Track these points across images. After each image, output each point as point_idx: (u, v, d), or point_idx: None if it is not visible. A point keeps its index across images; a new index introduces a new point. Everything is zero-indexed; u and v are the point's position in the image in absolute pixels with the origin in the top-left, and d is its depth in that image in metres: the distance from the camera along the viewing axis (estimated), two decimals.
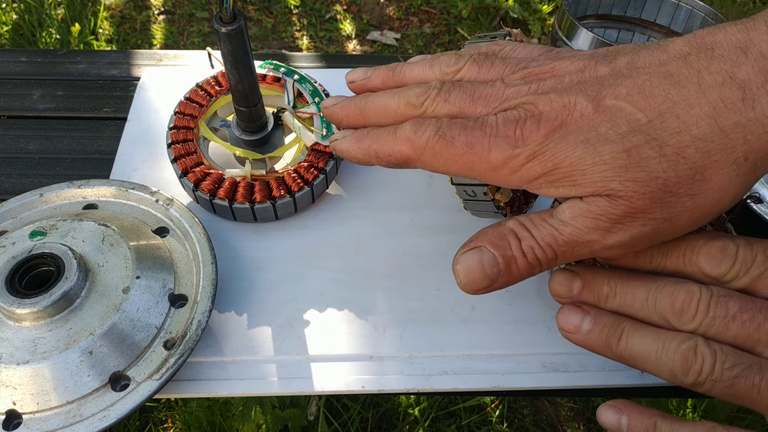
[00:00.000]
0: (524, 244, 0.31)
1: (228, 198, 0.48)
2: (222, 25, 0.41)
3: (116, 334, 0.39)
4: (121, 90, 0.64)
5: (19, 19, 1.74)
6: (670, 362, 0.29)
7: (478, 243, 0.32)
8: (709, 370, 0.28)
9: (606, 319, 0.32)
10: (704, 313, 0.29)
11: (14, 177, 0.56)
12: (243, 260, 0.48)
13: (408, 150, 0.33)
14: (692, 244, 0.31)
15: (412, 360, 0.43)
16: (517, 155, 0.30)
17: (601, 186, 0.29)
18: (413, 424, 1.08)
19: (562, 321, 0.34)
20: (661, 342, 0.30)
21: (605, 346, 0.32)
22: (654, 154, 0.28)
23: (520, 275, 0.32)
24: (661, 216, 0.29)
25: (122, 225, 0.44)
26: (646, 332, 0.30)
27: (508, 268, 0.31)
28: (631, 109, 0.29)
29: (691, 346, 0.29)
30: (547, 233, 0.31)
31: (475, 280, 0.32)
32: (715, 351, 0.28)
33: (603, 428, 0.33)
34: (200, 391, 0.41)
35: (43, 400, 0.37)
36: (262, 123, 0.50)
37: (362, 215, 0.52)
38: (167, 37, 1.83)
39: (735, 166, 0.28)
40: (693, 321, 0.29)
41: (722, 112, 0.27)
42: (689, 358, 0.28)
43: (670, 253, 0.32)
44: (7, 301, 0.38)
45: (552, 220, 0.31)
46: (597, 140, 0.29)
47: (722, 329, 0.29)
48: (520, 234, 0.31)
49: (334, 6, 1.98)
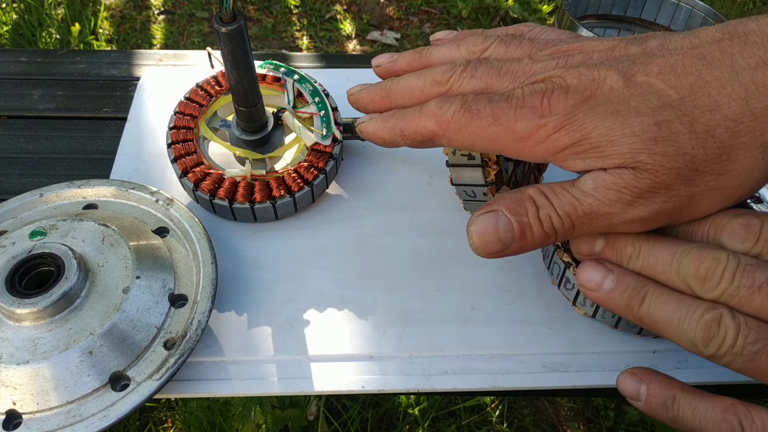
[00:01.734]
0: (542, 212, 0.31)
1: (228, 198, 0.48)
2: (222, 25, 0.41)
3: (116, 334, 0.39)
4: (121, 90, 0.64)
5: (19, 19, 1.74)
6: (692, 331, 0.28)
7: (495, 207, 0.32)
8: (731, 342, 0.27)
9: (629, 280, 0.31)
10: (729, 281, 0.28)
11: (14, 177, 0.56)
12: (243, 260, 0.48)
13: (433, 125, 0.33)
14: (716, 223, 0.30)
15: (412, 360, 0.43)
16: (544, 125, 0.30)
17: (629, 158, 0.29)
18: (413, 424, 1.08)
19: (582, 277, 0.33)
20: (684, 309, 0.29)
21: (626, 307, 0.31)
22: (684, 130, 0.28)
23: (534, 243, 0.32)
24: (684, 193, 0.29)
25: (122, 225, 0.44)
26: (669, 297, 0.29)
27: (522, 234, 0.31)
28: (663, 86, 0.29)
29: (716, 317, 0.27)
30: (567, 202, 0.30)
31: (488, 243, 0.31)
32: (739, 323, 0.27)
33: (623, 396, 0.32)
34: (200, 391, 0.41)
35: (43, 400, 0.37)
36: (262, 123, 0.50)
37: (362, 215, 0.52)
38: (167, 37, 1.83)
39: (762, 149, 0.28)
40: (716, 289, 0.28)
41: (754, 95, 0.27)
42: (712, 329, 0.27)
43: (694, 233, 0.31)
44: (7, 301, 0.38)
45: (573, 190, 0.31)
46: (627, 112, 0.29)
47: (746, 300, 0.27)
48: (539, 201, 0.31)
49: (334, 6, 1.98)
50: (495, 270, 0.48)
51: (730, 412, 0.28)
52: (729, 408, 0.28)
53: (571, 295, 0.45)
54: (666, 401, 0.30)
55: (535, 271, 0.48)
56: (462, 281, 0.47)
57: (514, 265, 0.49)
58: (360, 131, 0.39)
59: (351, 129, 0.53)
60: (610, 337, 0.44)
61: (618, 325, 0.44)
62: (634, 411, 1.12)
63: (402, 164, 0.56)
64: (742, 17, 0.29)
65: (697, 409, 0.29)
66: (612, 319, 0.44)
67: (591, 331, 0.45)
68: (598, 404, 1.14)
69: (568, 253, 0.44)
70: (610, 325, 0.44)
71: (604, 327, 0.45)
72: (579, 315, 0.45)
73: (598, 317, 0.44)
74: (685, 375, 0.43)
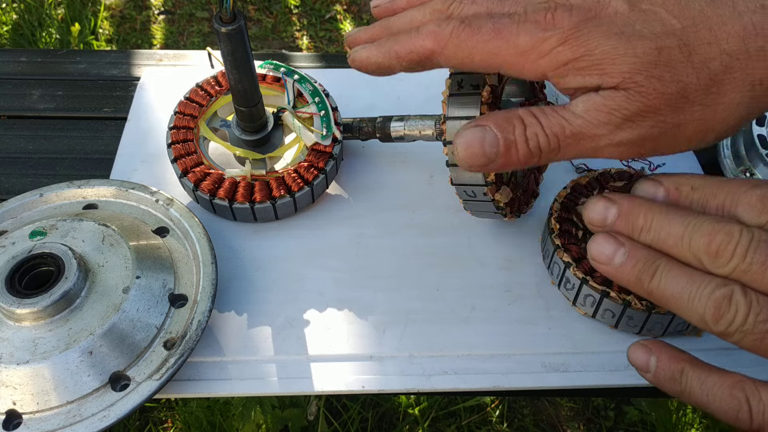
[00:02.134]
0: (529, 130, 0.32)
1: (228, 198, 0.48)
2: (222, 25, 0.41)
3: (116, 334, 0.39)
4: (121, 90, 0.64)
5: (19, 19, 1.74)
6: (702, 308, 0.28)
7: (483, 122, 0.33)
8: (742, 320, 0.26)
9: (640, 254, 0.30)
10: (741, 257, 0.27)
11: (14, 177, 0.56)
12: (243, 260, 0.48)
13: (431, 43, 0.33)
14: (732, 192, 0.29)
15: (412, 360, 0.43)
16: (547, 38, 0.31)
17: (628, 78, 0.29)
18: (413, 424, 1.08)
19: (594, 250, 0.32)
20: (695, 285, 0.28)
21: (636, 281, 0.30)
22: (682, 59, 0.29)
23: (518, 161, 0.32)
24: (671, 120, 0.30)
25: (122, 225, 0.44)
26: (680, 272, 0.29)
27: (507, 151, 0.32)
28: (666, 15, 0.30)
29: (726, 294, 0.27)
30: (555, 123, 0.31)
31: (473, 155, 0.32)
32: (750, 301, 0.27)
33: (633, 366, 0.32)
34: (200, 391, 0.41)
35: (43, 400, 0.37)
36: (262, 123, 0.50)
37: (362, 215, 0.52)
38: (167, 37, 1.83)
39: (750, 87, 0.29)
40: (728, 265, 0.27)
41: (751, 35, 0.29)
42: (723, 306, 0.27)
43: (709, 202, 0.30)
44: (7, 301, 0.38)
45: (563, 111, 0.32)
46: (632, 35, 0.30)
47: (758, 276, 0.27)
48: (527, 120, 0.32)
49: (334, 6, 1.98)
50: (495, 270, 0.48)
51: (738, 388, 0.27)
52: (737, 384, 0.27)
53: (571, 295, 0.45)
54: (674, 374, 0.30)
55: (535, 271, 0.48)
56: (462, 281, 0.47)
57: (514, 265, 0.49)
58: (352, 60, 0.37)
59: (351, 129, 0.53)
60: (610, 337, 0.44)
61: (618, 325, 0.44)
62: (634, 411, 1.12)
63: (402, 164, 0.56)
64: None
65: (705, 384, 0.28)
66: (612, 319, 0.44)
67: (591, 331, 0.45)
68: (598, 404, 1.14)
69: (568, 253, 0.44)
70: (610, 325, 0.44)
71: (604, 327, 0.45)
72: (579, 315, 0.45)
73: (598, 317, 0.44)
74: None
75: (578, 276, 0.43)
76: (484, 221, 0.51)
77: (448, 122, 0.41)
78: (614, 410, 1.14)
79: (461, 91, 0.40)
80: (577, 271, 0.43)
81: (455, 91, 0.41)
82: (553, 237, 0.46)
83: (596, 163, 0.53)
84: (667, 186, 0.31)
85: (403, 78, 0.64)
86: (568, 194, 0.48)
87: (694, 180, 0.31)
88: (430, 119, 0.48)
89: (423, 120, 0.49)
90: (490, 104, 0.40)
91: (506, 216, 0.46)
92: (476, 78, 0.40)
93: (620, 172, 0.50)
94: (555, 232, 0.46)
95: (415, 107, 0.54)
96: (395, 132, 0.50)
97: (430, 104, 0.55)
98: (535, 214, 0.52)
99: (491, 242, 0.50)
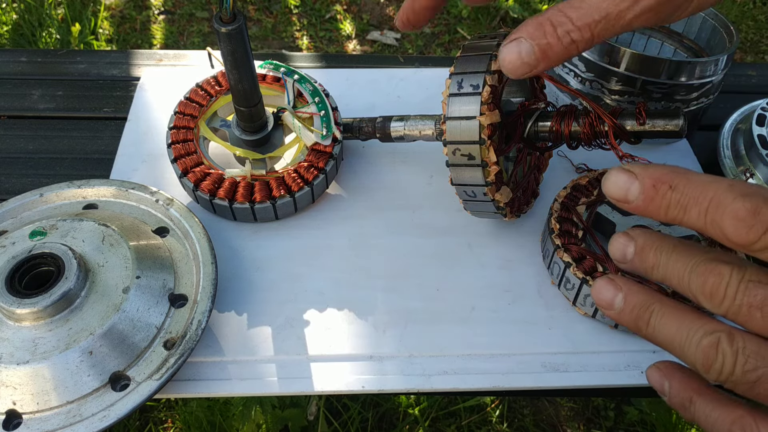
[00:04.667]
0: (560, 30, 0.34)
1: (228, 198, 0.48)
2: (222, 25, 0.41)
3: (116, 334, 0.39)
4: (121, 90, 0.64)
5: (19, 19, 1.74)
6: (692, 356, 0.28)
7: (518, 34, 0.35)
8: (729, 370, 0.26)
9: (636, 299, 0.30)
10: (731, 299, 0.26)
11: (14, 177, 0.56)
12: (243, 260, 0.48)
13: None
14: (716, 200, 0.27)
15: (412, 360, 0.43)
16: None
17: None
18: (413, 424, 1.08)
19: (594, 295, 0.32)
20: (685, 332, 0.28)
21: (635, 327, 0.31)
22: None
23: (558, 59, 0.35)
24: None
25: (122, 225, 0.44)
26: (671, 319, 0.29)
27: (544, 54, 0.35)
28: None
29: (713, 343, 0.27)
30: (584, 14, 0.33)
31: (517, 67, 0.35)
32: (737, 351, 0.26)
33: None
34: (200, 391, 0.41)
35: (43, 400, 0.37)
36: (262, 123, 0.50)
37: (362, 215, 0.52)
38: (167, 37, 1.83)
39: None
40: (722, 306, 0.27)
41: None
42: (710, 355, 0.27)
43: (689, 207, 0.28)
44: (7, 301, 0.38)
45: (587, 1, 0.33)
46: None
47: (748, 318, 0.26)
48: (556, 20, 0.34)
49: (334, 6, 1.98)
50: (495, 270, 0.48)
51: (737, 425, 0.28)
52: (737, 420, 0.28)
53: (571, 295, 0.45)
54: (684, 402, 0.30)
55: (535, 271, 0.48)
56: (462, 281, 0.47)
57: (514, 265, 0.49)
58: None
59: (351, 129, 0.53)
60: (610, 337, 0.44)
61: (618, 326, 0.44)
62: (634, 411, 1.12)
63: (402, 164, 0.56)
64: (742, 17, 0.29)
65: (710, 417, 0.29)
66: (612, 319, 0.44)
67: (591, 331, 0.45)
68: (598, 404, 1.14)
69: (568, 253, 0.44)
70: (610, 325, 0.44)
71: (604, 327, 0.45)
72: (579, 315, 0.45)
73: (598, 317, 0.44)
74: None
75: (578, 276, 0.43)
76: (484, 221, 0.51)
77: (448, 122, 0.41)
78: (614, 410, 1.14)
79: (461, 91, 0.40)
80: (577, 271, 0.43)
81: (455, 91, 0.40)
82: (553, 237, 0.46)
83: (596, 163, 0.53)
84: (642, 179, 0.29)
85: (403, 78, 0.64)
86: (568, 194, 0.48)
87: (674, 177, 0.29)
88: (430, 119, 0.48)
89: (423, 120, 0.49)
90: (489, 104, 0.40)
91: (506, 216, 0.46)
92: (476, 78, 0.40)
93: None
94: (555, 232, 0.46)
95: (415, 107, 0.54)
96: (395, 132, 0.50)
97: (430, 104, 0.55)
98: (535, 214, 0.52)
99: (491, 242, 0.50)
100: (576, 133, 0.42)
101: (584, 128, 0.41)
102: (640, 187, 0.29)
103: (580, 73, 0.56)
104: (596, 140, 0.42)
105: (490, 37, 0.42)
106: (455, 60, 0.41)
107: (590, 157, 0.53)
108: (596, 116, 0.41)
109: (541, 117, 0.44)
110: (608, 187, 0.30)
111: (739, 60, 1.76)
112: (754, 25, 1.89)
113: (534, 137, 0.44)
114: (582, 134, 0.42)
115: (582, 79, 0.56)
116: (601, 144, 0.42)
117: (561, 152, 0.56)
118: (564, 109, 0.43)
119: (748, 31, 1.87)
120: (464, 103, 0.40)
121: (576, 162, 0.55)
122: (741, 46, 1.83)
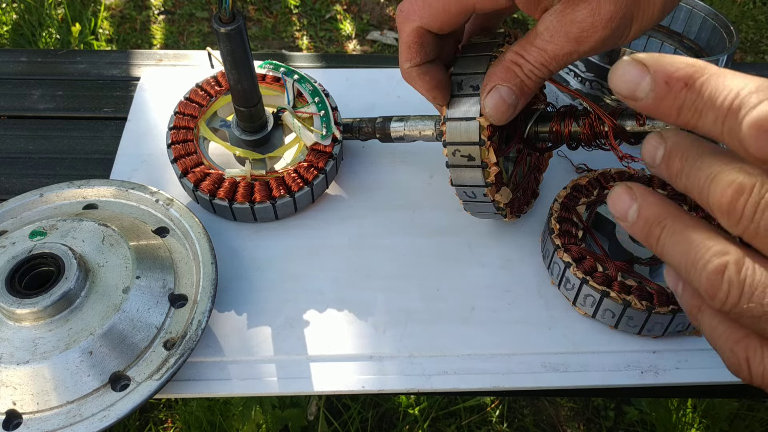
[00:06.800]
0: (525, 69, 0.37)
1: (228, 198, 0.48)
2: (221, 25, 0.41)
3: (116, 334, 0.39)
4: (121, 90, 0.64)
5: (19, 19, 1.74)
6: (697, 281, 0.25)
7: (491, 84, 0.38)
8: (734, 301, 0.24)
9: (649, 213, 0.27)
10: (749, 218, 0.23)
11: (14, 177, 0.56)
12: (243, 260, 0.48)
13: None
14: (738, 104, 0.23)
15: (412, 360, 0.43)
16: None
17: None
18: (413, 424, 1.08)
19: (610, 202, 0.29)
20: (692, 254, 0.25)
21: (647, 243, 0.28)
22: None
23: (531, 92, 0.38)
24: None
25: (122, 225, 0.44)
26: (682, 238, 0.26)
27: (522, 92, 0.38)
28: None
29: (719, 269, 0.24)
30: (537, 56, 0.36)
31: (503, 111, 0.38)
32: (743, 280, 0.24)
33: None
34: (200, 391, 0.41)
35: (43, 400, 0.37)
36: (262, 123, 0.50)
37: (362, 215, 0.52)
38: (167, 37, 1.83)
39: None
40: (738, 225, 0.24)
41: None
42: (715, 282, 0.24)
43: (706, 111, 0.25)
44: (7, 301, 0.38)
45: (536, 41, 0.36)
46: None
47: (765, 243, 0.23)
48: (519, 62, 0.37)
49: (334, 6, 1.98)
50: (495, 270, 0.48)
51: (741, 345, 0.25)
52: (742, 339, 0.25)
53: (571, 295, 0.45)
54: (692, 310, 0.28)
55: (535, 271, 0.48)
56: (462, 281, 0.47)
57: (514, 265, 0.49)
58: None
59: (351, 129, 0.53)
60: (610, 337, 0.44)
61: (618, 325, 0.44)
62: (634, 411, 1.12)
63: (402, 164, 0.56)
64: (742, 17, 0.28)
65: (715, 330, 0.27)
66: (612, 319, 0.44)
67: (591, 331, 0.45)
68: (598, 404, 1.14)
69: (568, 253, 0.44)
70: (610, 325, 0.44)
71: (604, 327, 0.45)
72: (579, 315, 0.45)
73: (598, 317, 0.44)
74: (686, 375, 0.43)
75: (578, 276, 0.43)
76: (484, 221, 0.51)
77: (447, 123, 0.41)
78: (614, 410, 1.14)
79: (461, 92, 0.40)
80: (577, 271, 0.43)
81: (455, 92, 0.41)
82: (553, 237, 0.46)
83: (596, 163, 0.53)
84: (655, 73, 0.26)
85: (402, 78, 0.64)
86: (568, 194, 0.48)
87: (693, 73, 0.25)
88: (430, 120, 0.48)
89: (423, 120, 0.49)
90: None
91: (506, 216, 0.46)
92: (476, 78, 0.40)
93: (620, 172, 0.50)
94: (555, 232, 0.46)
95: (415, 107, 0.54)
96: (395, 132, 0.50)
97: (430, 105, 0.55)
98: (535, 214, 0.52)
99: (491, 242, 0.50)
100: (576, 134, 0.42)
101: (584, 129, 0.41)
102: (651, 83, 0.26)
103: (580, 73, 0.56)
104: (596, 141, 0.42)
105: (489, 37, 0.42)
106: (455, 60, 0.41)
107: (590, 157, 0.53)
108: (596, 117, 0.41)
109: (541, 118, 0.44)
110: (615, 80, 0.27)
111: (739, 60, 1.76)
112: (754, 25, 1.89)
113: (534, 138, 0.44)
114: (582, 135, 0.42)
115: (582, 79, 0.56)
116: (601, 144, 0.42)
117: (561, 152, 0.56)
118: (564, 110, 0.43)
119: (748, 31, 1.87)
120: (464, 104, 0.40)
121: (576, 162, 0.55)
122: (741, 46, 1.83)
